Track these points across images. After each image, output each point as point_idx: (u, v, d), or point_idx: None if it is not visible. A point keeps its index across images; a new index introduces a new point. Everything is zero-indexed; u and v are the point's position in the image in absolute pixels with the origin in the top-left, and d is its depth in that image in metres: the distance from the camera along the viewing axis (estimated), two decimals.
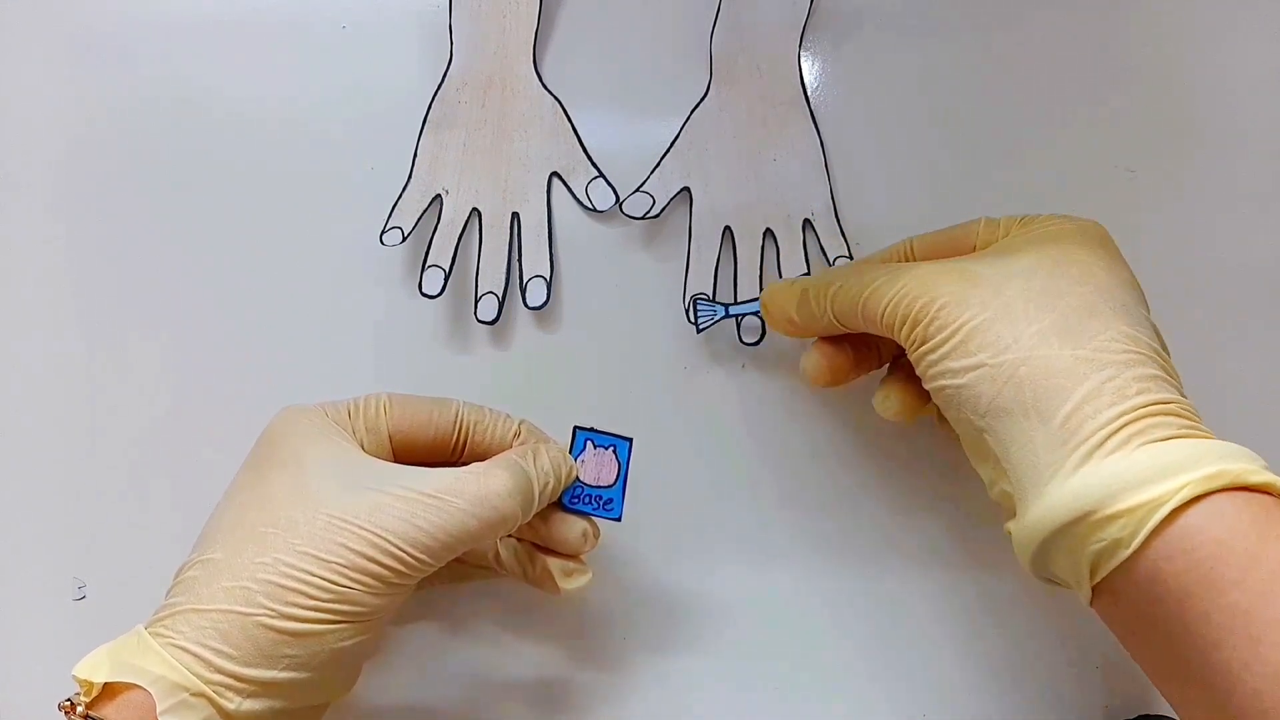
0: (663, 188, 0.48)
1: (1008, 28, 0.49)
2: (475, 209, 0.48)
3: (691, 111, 0.48)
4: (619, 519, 0.40)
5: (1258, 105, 0.49)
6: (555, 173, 0.48)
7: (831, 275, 0.40)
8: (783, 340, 0.47)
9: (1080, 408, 0.32)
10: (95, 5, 0.49)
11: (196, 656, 0.32)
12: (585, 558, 0.41)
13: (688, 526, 0.46)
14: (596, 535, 0.40)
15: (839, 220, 0.47)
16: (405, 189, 0.47)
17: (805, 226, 0.47)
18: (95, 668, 0.32)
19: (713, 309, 0.45)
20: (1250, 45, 0.50)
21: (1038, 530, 0.33)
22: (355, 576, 0.33)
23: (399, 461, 0.38)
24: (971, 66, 0.49)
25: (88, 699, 0.32)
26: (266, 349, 0.47)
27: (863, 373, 0.42)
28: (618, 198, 0.48)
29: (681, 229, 0.48)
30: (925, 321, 0.35)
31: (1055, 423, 0.32)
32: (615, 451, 0.40)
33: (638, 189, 0.47)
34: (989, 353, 0.34)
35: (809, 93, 0.48)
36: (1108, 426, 0.32)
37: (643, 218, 0.47)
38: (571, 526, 0.40)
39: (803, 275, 0.46)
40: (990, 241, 0.40)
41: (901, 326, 0.36)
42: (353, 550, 0.33)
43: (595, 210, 0.48)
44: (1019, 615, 0.46)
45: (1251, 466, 0.31)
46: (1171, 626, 0.31)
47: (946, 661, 0.46)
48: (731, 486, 0.47)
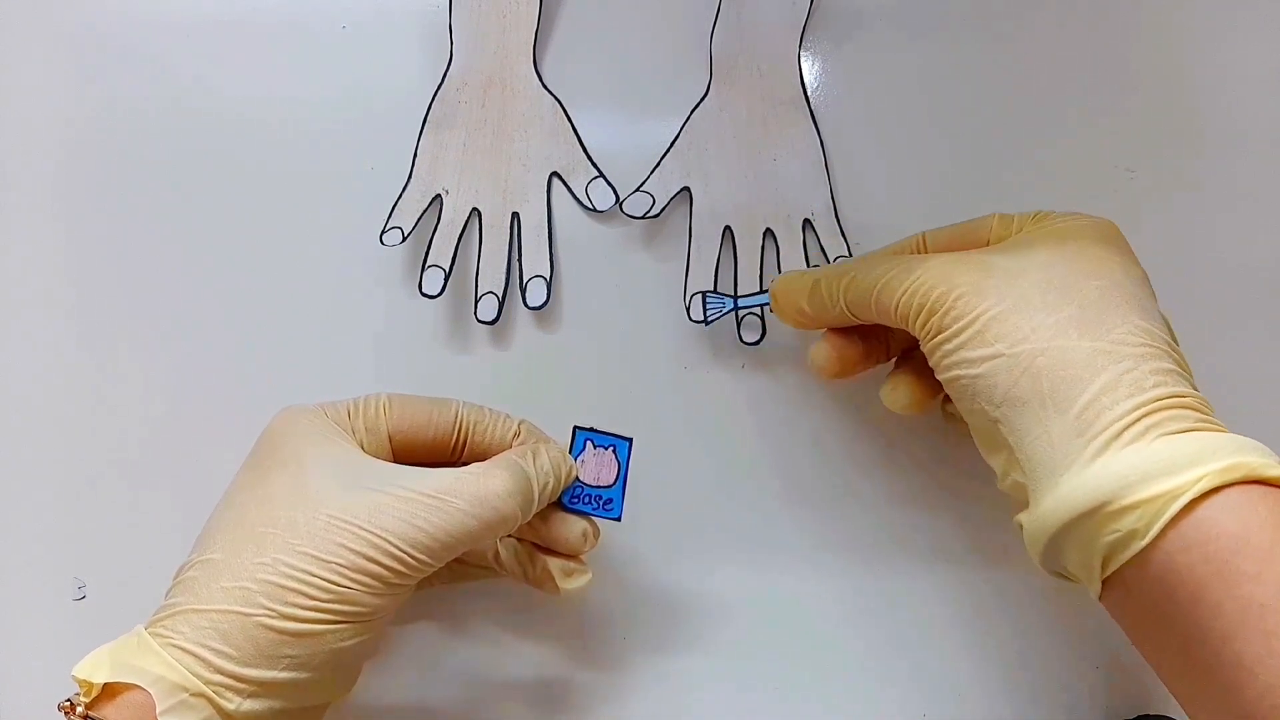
0: (663, 188, 0.48)
1: (1008, 28, 0.49)
2: (475, 209, 0.48)
3: (691, 111, 0.48)
4: (619, 519, 0.40)
5: (1258, 105, 0.49)
6: (555, 173, 0.48)
7: (844, 266, 0.40)
8: (783, 340, 0.47)
9: (1098, 399, 0.32)
10: (95, 5, 0.49)
11: (196, 657, 0.32)
12: (585, 558, 0.41)
13: (688, 526, 0.46)
14: (596, 535, 0.40)
15: (839, 220, 0.47)
16: (405, 189, 0.47)
17: (805, 226, 0.47)
18: (95, 668, 0.32)
19: (721, 301, 0.45)
20: (1250, 45, 0.50)
21: (1051, 521, 0.33)
22: (355, 577, 0.33)
23: (399, 462, 0.38)
24: (971, 66, 0.49)
25: (87, 699, 0.32)
26: (266, 349, 0.47)
27: (872, 365, 0.42)
28: (618, 198, 0.48)
29: (681, 229, 0.48)
30: (942, 311, 0.35)
31: (1072, 413, 0.32)
32: (615, 452, 0.40)
33: (638, 189, 0.47)
34: (1006, 343, 0.34)
35: (809, 93, 0.48)
36: (1125, 418, 0.32)
37: (643, 218, 0.47)
38: (572, 526, 0.40)
39: (813, 267, 0.46)
40: (1004, 237, 0.40)
41: (917, 317, 0.36)
42: (353, 550, 0.33)
43: (595, 210, 0.48)
44: (1020, 615, 0.46)
45: (1267, 460, 0.31)
46: (1183, 620, 0.31)
47: (947, 661, 0.46)
48: (732, 486, 0.47)
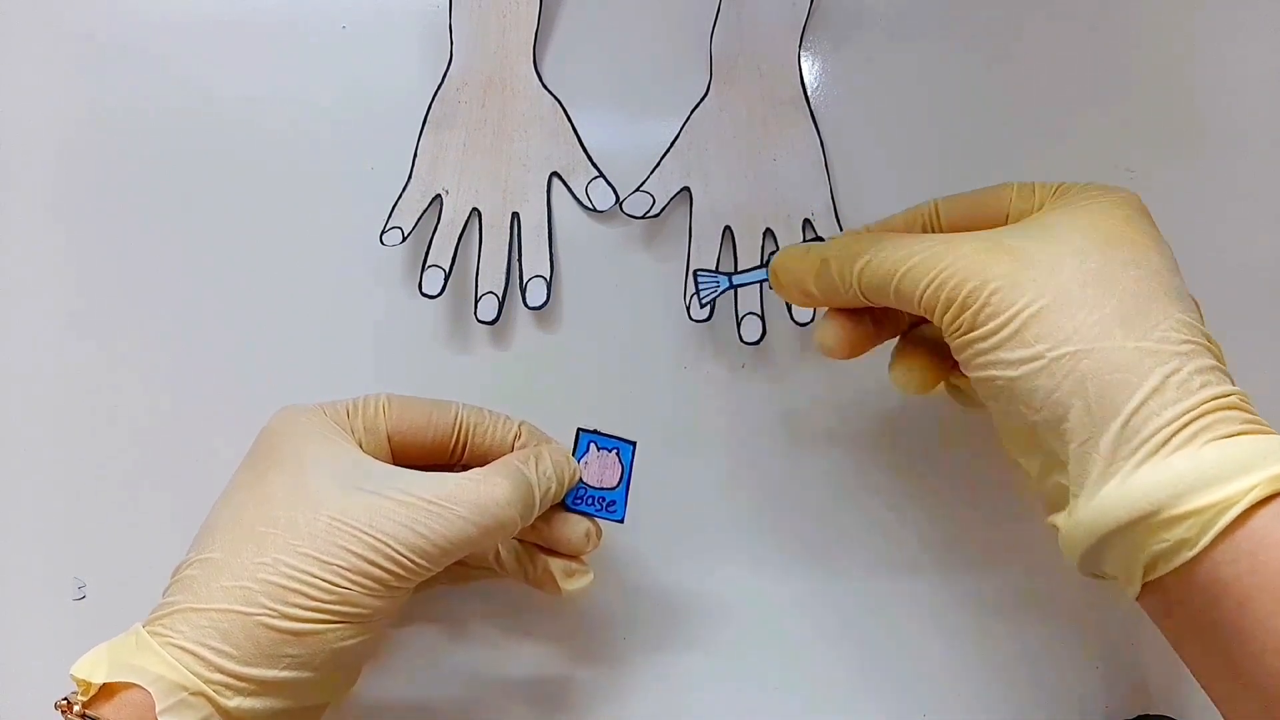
0: (663, 187, 0.48)
1: (1008, 28, 0.49)
2: (475, 209, 0.48)
3: (691, 111, 0.48)
4: (622, 521, 0.40)
5: (1258, 106, 0.49)
6: (555, 173, 0.48)
7: (856, 245, 0.36)
8: (784, 339, 0.47)
9: (1146, 403, 0.31)
10: (95, 5, 0.49)
11: (196, 656, 0.32)
12: (586, 558, 0.41)
13: (688, 527, 0.46)
14: (599, 536, 0.40)
15: (839, 220, 0.47)
16: (405, 189, 0.47)
17: (805, 226, 0.47)
18: (93, 667, 0.32)
19: (715, 279, 0.43)
20: (1251, 45, 0.50)
21: (1096, 528, 0.32)
22: (355, 579, 0.33)
23: (398, 463, 0.38)
24: (971, 66, 0.49)
25: (85, 698, 0.32)
26: (266, 349, 0.47)
27: (882, 341, 0.40)
28: (618, 198, 0.48)
29: (681, 229, 0.48)
30: (975, 307, 0.33)
31: (1119, 420, 0.31)
32: (619, 454, 0.40)
33: (638, 189, 0.47)
34: (1047, 344, 0.32)
35: (809, 93, 0.48)
36: (1174, 423, 0.31)
37: (643, 217, 0.47)
38: (575, 527, 0.40)
39: (813, 240, 0.42)
40: (1025, 211, 0.37)
41: (945, 311, 0.34)
42: (353, 553, 0.33)
43: (595, 210, 0.48)
44: (1019, 615, 0.46)
45: None
46: (1228, 629, 0.30)
47: (947, 661, 0.46)
48: (732, 486, 0.47)
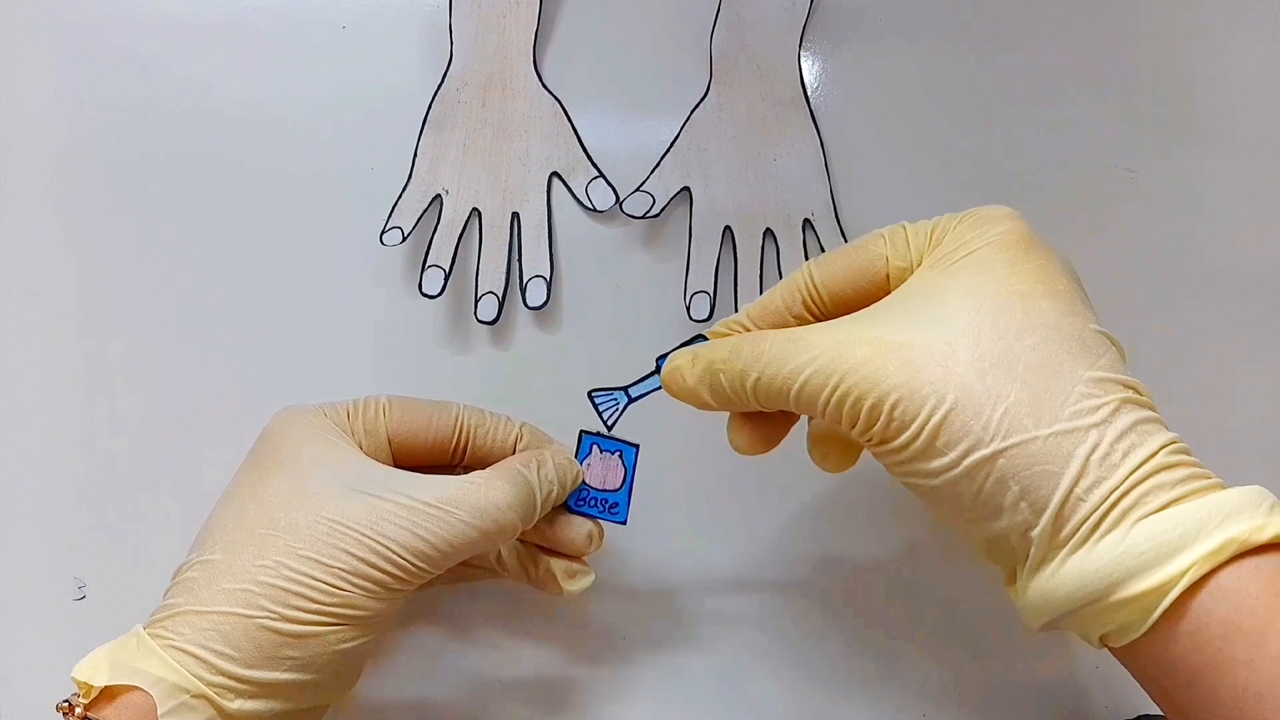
0: (663, 187, 0.47)
1: (1008, 27, 0.49)
2: (475, 209, 0.47)
3: (691, 111, 0.48)
4: (625, 522, 0.40)
5: (1258, 105, 0.49)
6: (555, 173, 0.48)
7: (739, 355, 0.35)
8: None
9: (1072, 490, 0.30)
10: (95, 5, 0.49)
11: (197, 658, 0.32)
12: (587, 559, 0.41)
13: (688, 526, 0.46)
14: (601, 537, 0.40)
15: (839, 220, 0.47)
16: (405, 189, 0.47)
17: (805, 226, 0.47)
18: (94, 669, 0.32)
19: (612, 397, 0.41)
20: (1250, 45, 0.50)
21: (1043, 611, 0.32)
22: (356, 581, 0.33)
23: (398, 465, 0.38)
24: (971, 66, 0.49)
25: (86, 700, 0.32)
26: (266, 349, 0.47)
27: (794, 423, 0.39)
28: (618, 198, 0.48)
29: (681, 229, 0.48)
30: (881, 423, 0.32)
31: (1049, 512, 0.30)
32: (622, 457, 0.40)
33: (638, 189, 0.47)
34: (959, 450, 0.31)
35: (809, 93, 0.48)
36: (1103, 505, 0.30)
37: (643, 217, 0.47)
38: (577, 528, 0.40)
39: (701, 343, 0.38)
40: (904, 270, 0.36)
41: (851, 426, 0.33)
42: (354, 556, 0.33)
43: (595, 210, 0.48)
44: (1019, 614, 0.46)
45: (1257, 520, 0.29)
46: (1181, 698, 0.30)
47: (947, 661, 0.46)
48: (732, 487, 0.47)
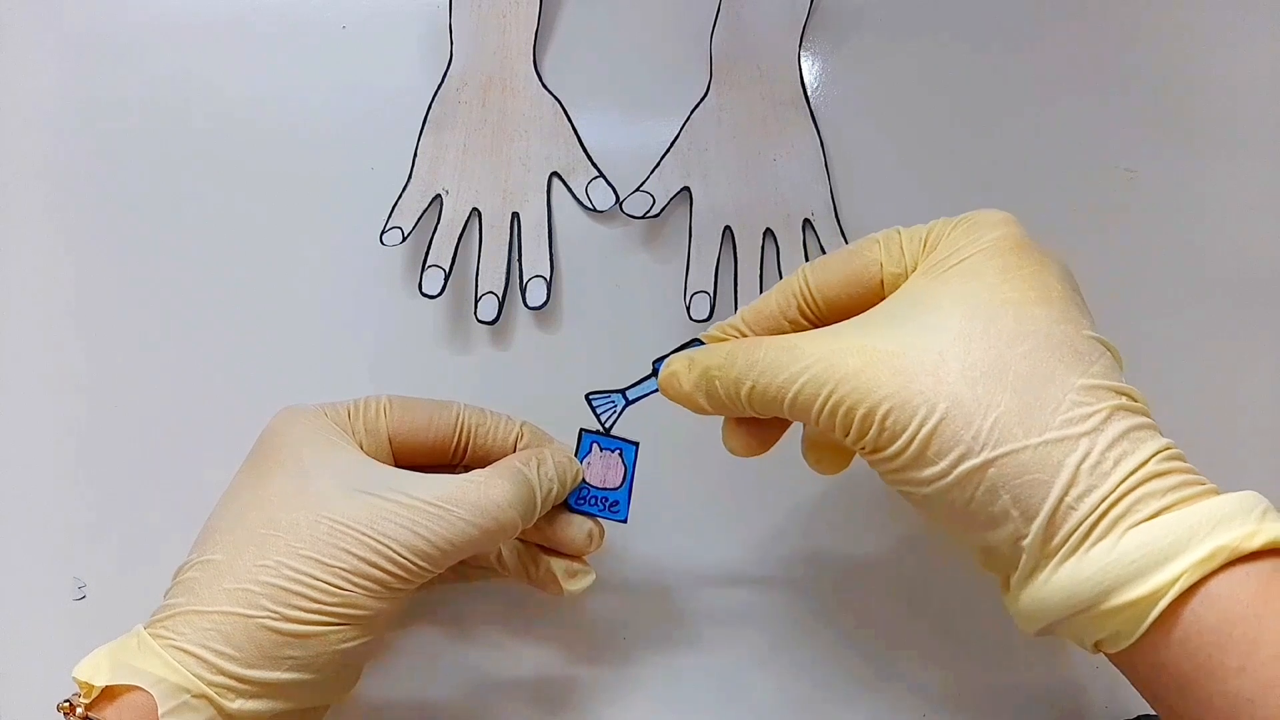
0: (663, 188, 0.47)
1: (1008, 27, 0.49)
2: (475, 209, 0.47)
3: (691, 111, 0.48)
4: (625, 521, 0.40)
5: (1258, 105, 0.49)
6: (555, 173, 0.48)
7: (734, 362, 0.35)
8: None
9: (1061, 500, 0.30)
10: (95, 5, 0.49)
11: (198, 658, 0.32)
12: (588, 558, 0.41)
13: (688, 526, 0.46)
14: (602, 536, 0.40)
15: (839, 220, 0.47)
16: (405, 189, 0.47)
17: (805, 226, 0.47)
18: (95, 669, 0.32)
19: (609, 400, 0.41)
20: (1251, 46, 0.50)
21: (1036, 618, 0.32)
22: (357, 581, 0.34)
23: (399, 464, 0.38)
24: (971, 66, 0.49)
25: (87, 700, 0.32)
26: (266, 349, 0.47)
27: (788, 428, 0.39)
28: (618, 198, 0.48)
29: (681, 229, 0.48)
30: (873, 432, 0.32)
31: (1040, 520, 0.30)
32: (622, 455, 0.40)
33: (638, 189, 0.47)
34: (950, 459, 0.31)
35: (809, 93, 0.48)
36: (1093, 514, 0.30)
37: (643, 217, 0.47)
38: (577, 527, 0.40)
39: (699, 348, 0.38)
40: (898, 276, 0.36)
41: (845, 434, 0.33)
42: (355, 555, 0.33)
43: (595, 210, 0.48)
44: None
45: (1249, 527, 0.29)
46: (1175, 705, 0.30)
47: (947, 662, 0.46)
48: (732, 486, 0.47)
